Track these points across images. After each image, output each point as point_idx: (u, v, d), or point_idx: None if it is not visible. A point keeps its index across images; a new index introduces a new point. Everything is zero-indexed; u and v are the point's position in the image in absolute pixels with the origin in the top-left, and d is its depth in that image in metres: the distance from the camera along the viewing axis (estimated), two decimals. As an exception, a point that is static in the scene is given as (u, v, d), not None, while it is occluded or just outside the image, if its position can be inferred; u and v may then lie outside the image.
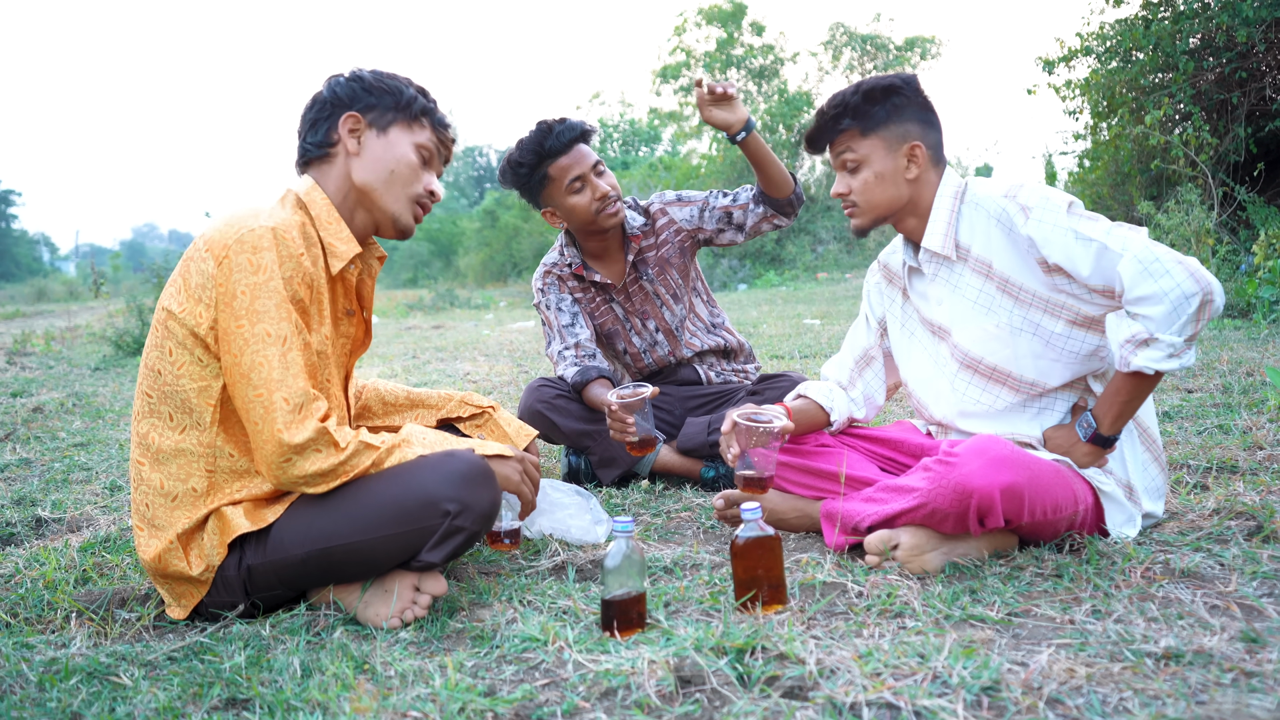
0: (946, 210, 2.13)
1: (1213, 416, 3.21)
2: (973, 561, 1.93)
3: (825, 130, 2.17)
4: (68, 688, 1.57)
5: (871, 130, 2.12)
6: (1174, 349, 1.84)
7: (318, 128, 1.99)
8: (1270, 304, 5.65)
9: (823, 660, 1.48)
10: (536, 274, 3.15)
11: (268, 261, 1.78)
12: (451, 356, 7.39)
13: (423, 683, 1.52)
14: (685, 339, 3.14)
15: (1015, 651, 1.52)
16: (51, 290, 25.96)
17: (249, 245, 1.77)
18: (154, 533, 1.86)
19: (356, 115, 1.97)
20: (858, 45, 21.56)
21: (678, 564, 2.12)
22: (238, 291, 1.76)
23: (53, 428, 4.49)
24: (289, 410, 1.75)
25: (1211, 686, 1.35)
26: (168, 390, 1.85)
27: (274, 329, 1.77)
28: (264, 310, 1.76)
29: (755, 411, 2.16)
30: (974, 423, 2.18)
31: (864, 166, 2.14)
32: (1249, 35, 7.39)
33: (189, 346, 1.82)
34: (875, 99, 2.11)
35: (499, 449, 2.03)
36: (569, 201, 2.92)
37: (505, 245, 26.16)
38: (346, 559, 1.82)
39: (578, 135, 2.89)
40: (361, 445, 1.82)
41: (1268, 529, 2.01)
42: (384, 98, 1.99)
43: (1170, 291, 1.82)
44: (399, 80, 2.03)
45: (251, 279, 1.77)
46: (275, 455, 1.76)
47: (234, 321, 1.76)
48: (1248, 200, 7.55)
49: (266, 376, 1.75)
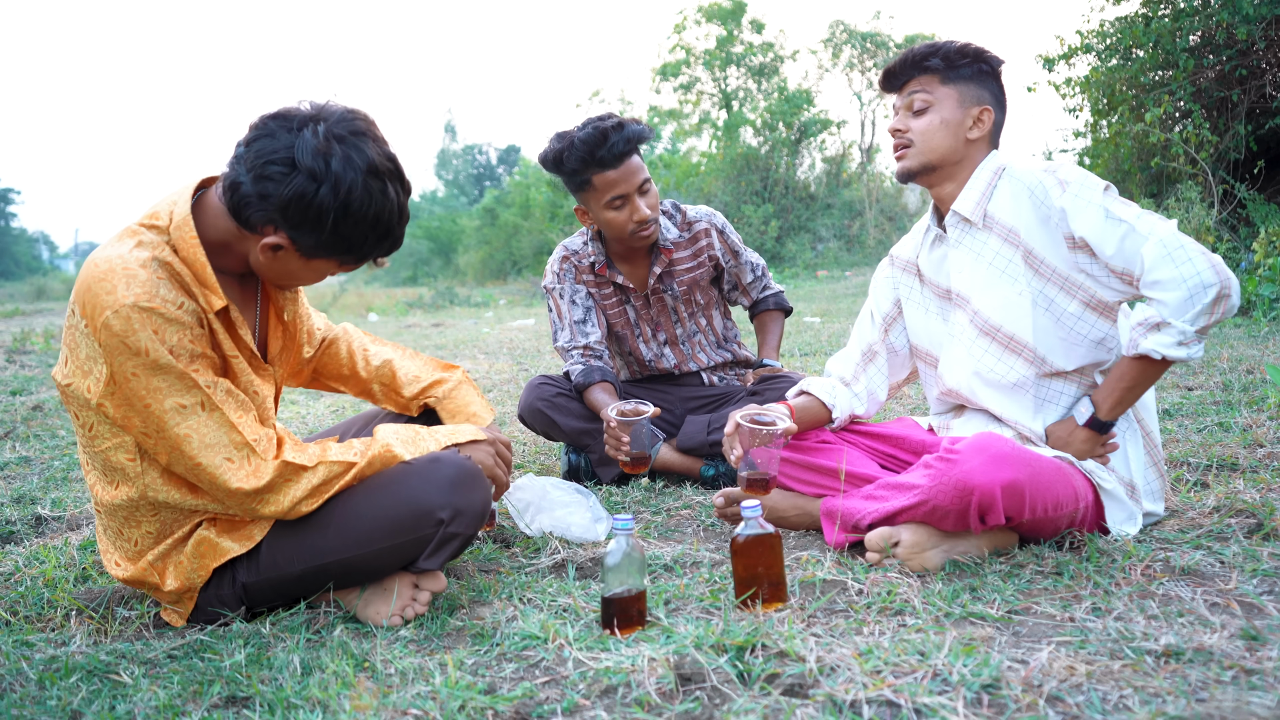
0: (984, 181, 2.16)
1: (1213, 414, 3.21)
2: (973, 559, 1.93)
3: (910, 65, 2.19)
4: (68, 686, 1.57)
5: (952, 81, 2.16)
6: (1184, 337, 1.86)
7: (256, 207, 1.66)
8: (1270, 301, 5.65)
9: (823, 658, 1.48)
10: (555, 255, 3.08)
11: (145, 343, 1.63)
12: (451, 354, 7.39)
13: (423, 680, 1.52)
14: (692, 353, 3.13)
15: (1015, 649, 1.52)
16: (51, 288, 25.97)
17: (117, 331, 1.62)
18: (126, 557, 1.85)
19: (286, 236, 1.70)
20: (857, 43, 21.54)
21: (678, 561, 2.12)
22: (128, 375, 1.65)
23: (52, 426, 4.48)
24: (235, 466, 1.71)
25: (1211, 684, 1.35)
26: (91, 453, 1.79)
27: (183, 399, 1.67)
28: (166, 387, 1.66)
29: (758, 412, 2.16)
30: (987, 392, 2.18)
31: (932, 110, 2.16)
32: (1249, 33, 7.38)
33: (91, 411, 1.73)
34: (967, 55, 2.16)
35: (471, 434, 2.00)
36: (606, 215, 2.83)
37: (505, 243, 26.16)
38: (344, 572, 1.82)
39: (633, 147, 2.76)
40: (334, 464, 1.79)
41: (1268, 526, 2.01)
42: (337, 244, 1.71)
43: (1190, 278, 1.84)
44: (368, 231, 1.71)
45: (134, 362, 1.64)
46: (247, 503, 1.74)
47: (140, 403, 1.67)
48: (1248, 198, 7.55)
49: (199, 445, 1.69)
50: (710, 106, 23.85)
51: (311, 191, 1.64)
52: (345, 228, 1.69)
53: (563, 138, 2.79)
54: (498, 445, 2.06)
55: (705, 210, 3.09)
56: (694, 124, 23.66)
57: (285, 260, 1.75)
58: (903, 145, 2.19)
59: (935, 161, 2.17)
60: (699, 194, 19.32)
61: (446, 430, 2.00)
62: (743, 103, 23.05)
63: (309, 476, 1.76)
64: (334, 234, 1.69)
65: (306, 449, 1.80)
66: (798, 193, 19.83)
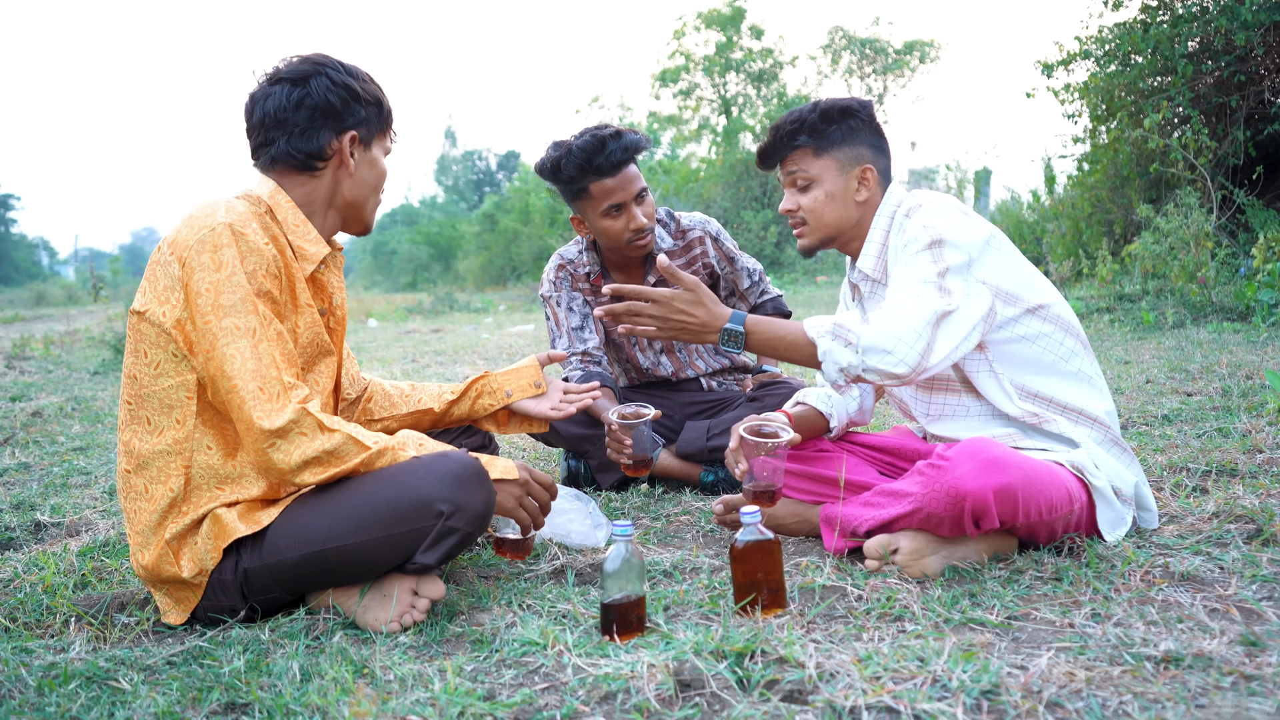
0: (881, 231, 2.19)
1: (1212, 419, 3.21)
2: (972, 565, 1.93)
3: (780, 146, 2.20)
4: (67, 693, 1.57)
5: (825, 150, 2.16)
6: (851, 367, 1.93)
7: (310, 136, 1.93)
8: (1269, 307, 5.65)
9: (822, 664, 1.48)
10: (551, 264, 3.09)
11: (228, 258, 1.78)
12: (451, 360, 7.39)
13: (422, 687, 1.52)
14: (689, 360, 3.13)
15: (1015, 655, 1.52)
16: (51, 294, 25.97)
17: (209, 244, 1.78)
18: (145, 539, 1.86)
19: (355, 134, 1.96)
20: (857, 49, 21.60)
21: (677, 568, 2.12)
22: (202, 289, 1.78)
23: (52, 432, 4.48)
24: (265, 398, 1.76)
25: (1211, 690, 1.35)
26: (145, 394, 1.86)
27: (241, 322, 1.77)
28: (229, 305, 1.77)
29: (760, 423, 2.15)
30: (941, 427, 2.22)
31: (815, 185, 2.18)
32: (1248, 39, 7.39)
33: (161, 344, 1.83)
34: (832, 119, 2.16)
35: (502, 470, 1.95)
36: (603, 223, 2.85)
37: (504, 249, 26.15)
38: (342, 561, 1.82)
39: (630, 155, 2.78)
40: (350, 439, 1.80)
41: (1267, 532, 2.01)
42: (371, 110, 1.98)
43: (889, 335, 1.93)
44: (376, 86, 2.01)
45: (214, 276, 1.78)
46: (260, 443, 1.76)
47: (202, 319, 1.78)
48: (1247, 203, 7.56)
49: (240, 368, 1.76)
50: (710, 112, 23.88)
51: (332, 84, 1.93)
52: (369, 88, 1.98)
53: (560, 146, 2.81)
54: (531, 487, 1.99)
55: (700, 218, 3.10)
56: (693, 130, 23.68)
57: (359, 164, 1.99)
58: (798, 224, 2.21)
59: (831, 234, 2.21)
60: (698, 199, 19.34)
61: (483, 458, 1.94)
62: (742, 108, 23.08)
63: (323, 438, 1.78)
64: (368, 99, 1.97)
65: (334, 418, 1.82)
66: (797, 199, 19.81)
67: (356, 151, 1.98)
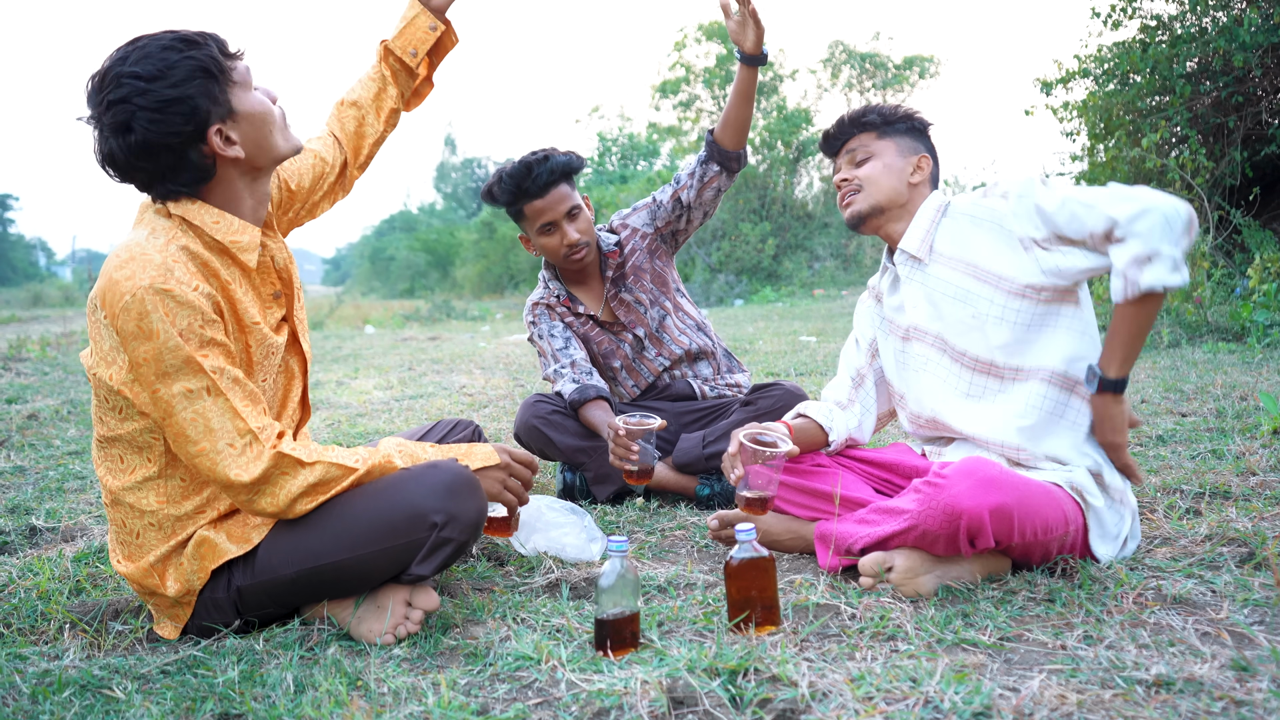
0: (928, 219, 2.26)
1: (1206, 441, 3.22)
2: (965, 585, 1.94)
3: (849, 124, 2.34)
4: (60, 700, 1.57)
5: (889, 135, 2.31)
6: (1175, 261, 1.87)
7: (179, 167, 1.77)
8: (1265, 328, 5.67)
9: (815, 683, 1.49)
10: (525, 310, 3.21)
11: (158, 325, 1.69)
12: (447, 369, 7.39)
13: (416, 700, 1.52)
14: (673, 336, 3.15)
15: (1007, 676, 1.53)
16: (47, 295, 25.95)
17: (134, 313, 1.69)
18: (129, 556, 1.87)
19: (216, 126, 1.77)
20: (856, 63, 21.68)
21: (672, 583, 2.12)
22: (140, 360, 1.71)
23: (47, 435, 4.48)
24: (236, 452, 1.73)
25: (1202, 715, 1.35)
26: (114, 436, 1.83)
27: (192, 384, 1.72)
28: (174, 370, 1.71)
29: (760, 431, 2.16)
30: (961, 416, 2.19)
31: (875, 158, 2.29)
32: (1246, 60, 7.44)
33: (118, 399, 1.80)
34: (899, 117, 2.33)
35: (484, 458, 1.98)
36: (541, 240, 3.03)
37: (502, 257, 26.17)
38: (337, 576, 1.82)
39: (557, 177, 2.93)
40: (332, 465, 1.80)
41: (1259, 556, 2.02)
42: (203, 86, 1.74)
43: (1157, 206, 1.88)
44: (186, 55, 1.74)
45: (147, 346, 1.70)
46: (243, 495, 1.76)
47: (149, 388, 1.73)
48: (1243, 224, 7.59)
49: (202, 430, 1.72)
50: (709, 124, 23.92)
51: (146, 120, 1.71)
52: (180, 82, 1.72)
53: (496, 173, 3.02)
54: (513, 468, 2.02)
55: (624, 212, 3.23)
56: (693, 141, 23.72)
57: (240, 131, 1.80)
58: (851, 191, 2.29)
59: (883, 203, 2.26)
60: (697, 211, 19.33)
61: (460, 450, 1.99)
62: (742, 121, 23.06)
63: (305, 473, 1.78)
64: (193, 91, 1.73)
65: (309, 448, 1.81)
66: (795, 211, 19.89)
67: (228, 130, 1.79)
